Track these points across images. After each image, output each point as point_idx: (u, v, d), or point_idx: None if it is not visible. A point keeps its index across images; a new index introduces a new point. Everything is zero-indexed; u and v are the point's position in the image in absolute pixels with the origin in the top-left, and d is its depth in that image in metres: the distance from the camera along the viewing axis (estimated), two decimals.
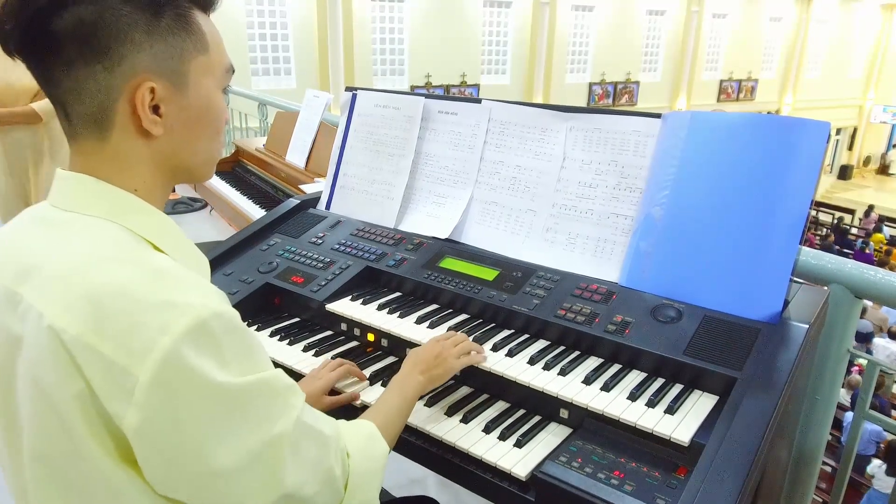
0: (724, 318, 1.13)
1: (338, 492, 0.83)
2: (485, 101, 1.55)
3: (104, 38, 0.71)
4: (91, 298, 0.66)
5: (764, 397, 0.96)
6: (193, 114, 0.80)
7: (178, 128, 0.79)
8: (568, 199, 1.40)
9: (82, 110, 0.74)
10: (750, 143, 1.17)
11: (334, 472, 0.81)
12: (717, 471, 0.87)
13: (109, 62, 0.72)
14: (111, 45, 0.72)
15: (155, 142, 0.78)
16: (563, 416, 1.12)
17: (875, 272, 1.29)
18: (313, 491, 0.77)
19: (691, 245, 1.19)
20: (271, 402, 0.73)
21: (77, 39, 0.71)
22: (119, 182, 0.77)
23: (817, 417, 1.41)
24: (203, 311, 0.66)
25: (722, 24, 17.98)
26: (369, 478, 0.88)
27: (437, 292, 1.42)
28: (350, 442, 0.87)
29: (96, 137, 0.76)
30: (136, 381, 0.63)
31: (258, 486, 0.71)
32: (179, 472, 0.68)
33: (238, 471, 0.70)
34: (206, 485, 0.69)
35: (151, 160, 0.79)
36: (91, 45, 0.71)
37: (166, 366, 0.64)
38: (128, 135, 0.76)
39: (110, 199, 0.76)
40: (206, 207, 4.25)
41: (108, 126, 0.75)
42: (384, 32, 13.05)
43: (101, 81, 0.73)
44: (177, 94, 0.77)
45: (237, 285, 1.52)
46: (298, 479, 0.75)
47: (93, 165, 0.77)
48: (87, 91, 0.73)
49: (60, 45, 0.71)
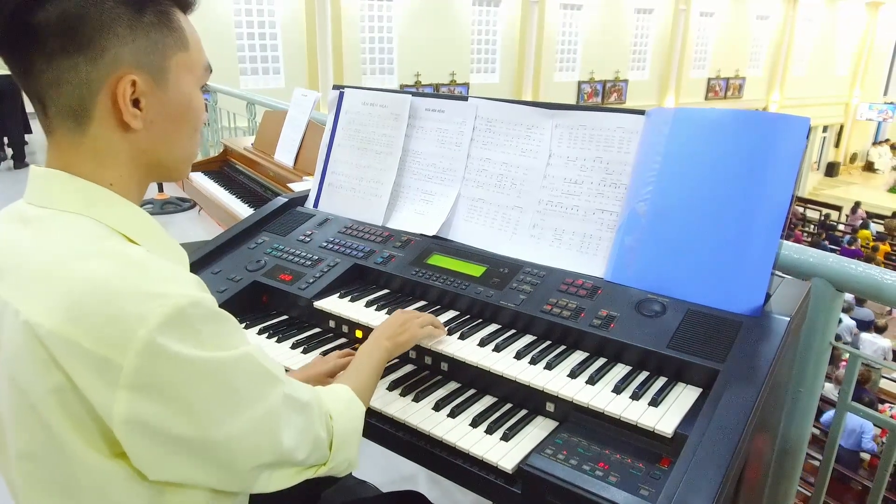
0: (708, 311, 1.15)
1: (324, 453, 0.88)
2: (471, 99, 1.56)
3: (88, 31, 0.72)
4: (67, 292, 0.66)
5: (745, 389, 0.98)
6: (173, 109, 0.81)
7: (157, 122, 0.79)
8: (554, 195, 1.41)
9: (62, 103, 0.75)
10: (731, 138, 1.18)
11: (321, 435, 0.86)
12: (699, 461, 0.88)
13: (92, 54, 0.73)
14: (94, 38, 0.72)
15: (133, 136, 0.78)
16: (549, 410, 1.13)
17: (856, 266, 1.31)
18: (304, 455, 0.82)
19: (675, 240, 1.21)
20: (256, 376, 0.75)
21: (61, 31, 0.71)
22: (95, 176, 0.77)
23: (801, 410, 1.43)
24: (181, 300, 0.67)
25: (709, 22, 18.08)
26: (350, 437, 0.93)
27: (425, 289, 1.43)
28: (331, 406, 0.92)
29: (74, 131, 0.76)
30: (121, 370, 0.64)
31: (258, 452, 0.75)
32: (175, 453, 0.69)
33: (236, 442, 0.72)
34: (204, 459, 0.71)
35: (128, 154, 0.79)
36: (75, 37, 0.72)
37: (148, 354, 0.65)
38: (106, 128, 0.77)
39: (84, 193, 0.76)
40: (195, 207, 4.23)
41: (87, 119, 0.76)
42: (373, 31, 13.02)
43: (82, 74, 0.73)
44: (157, 89, 0.78)
45: (225, 283, 1.52)
46: (291, 444, 0.79)
47: (68, 160, 0.77)
48: (67, 83, 0.73)
49: (44, 37, 0.71)
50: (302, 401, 0.82)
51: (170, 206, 5.21)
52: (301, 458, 0.81)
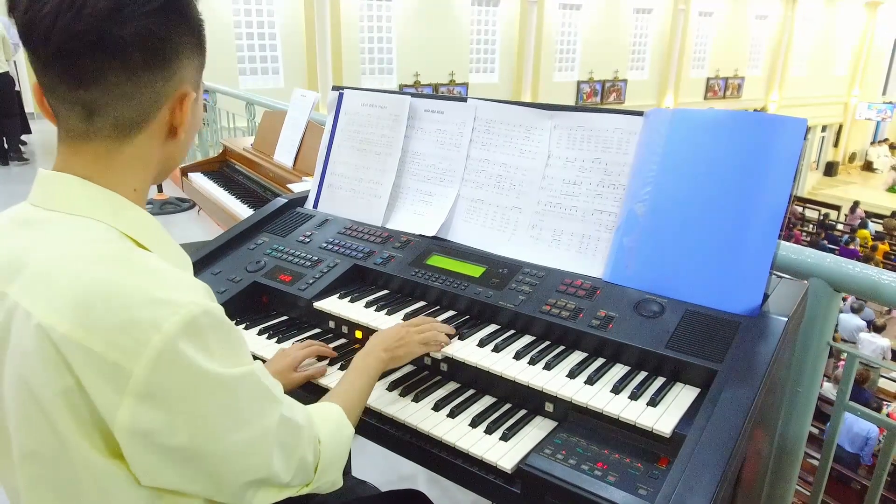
0: (706, 311, 1.15)
1: (308, 475, 0.88)
2: (470, 100, 1.56)
3: (167, 51, 0.77)
4: (80, 297, 0.67)
5: (743, 389, 0.98)
6: (195, 118, 0.86)
7: (186, 131, 0.84)
8: (553, 196, 1.42)
9: (124, 114, 0.76)
10: (729, 139, 1.19)
11: (307, 459, 0.86)
12: (697, 461, 0.89)
13: (168, 73, 0.78)
14: (171, 58, 0.77)
15: (170, 144, 0.83)
16: (548, 410, 1.14)
17: (854, 266, 1.32)
18: (288, 478, 0.82)
19: (673, 241, 1.22)
20: (258, 395, 0.76)
21: (145, 48, 0.74)
22: (124, 181, 0.79)
23: (799, 409, 1.44)
24: (193, 308, 0.68)
25: (708, 22, 18.09)
26: (337, 461, 0.93)
27: (425, 289, 1.43)
28: (321, 429, 0.92)
29: (118, 140, 0.78)
30: (130, 376, 0.65)
31: (248, 470, 0.76)
32: (171, 462, 0.70)
33: (230, 459, 0.73)
34: (196, 471, 0.71)
35: (158, 161, 0.84)
36: (156, 55, 0.75)
37: (161, 362, 0.66)
38: (153, 138, 0.81)
39: (96, 198, 0.77)
40: (194, 208, 4.23)
41: (139, 130, 0.79)
42: (372, 31, 13.03)
43: (157, 89, 0.77)
44: (194, 102, 0.83)
45: (225, 284, 1.53)
46: (279, 466, 0.79)
47: (96, 165, 0.77)
48: (140, 96, 0.76)
49: (127, 50, 0.73)
50: (296, 423, 0.83)
51: (169, 207, 5.22)
52: (286, 481, 0.82)
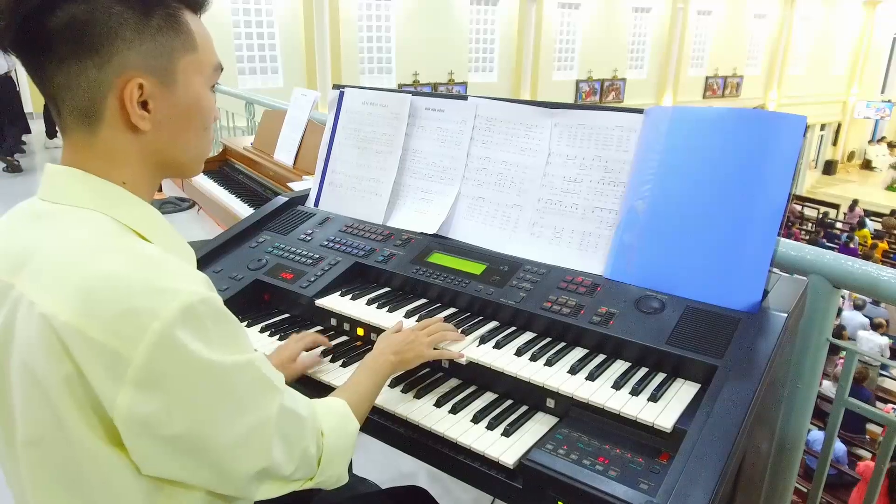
0: (706, 308, 1.16)
1: (312, 469, 0.87)
2: (471, 98, 1.57)
3: (96, 36, 0.74)
4: (82, 286, 0.68)
5: (743, 384, 0.99)
6: (182, 110, 0.82)
7: (166, 123, 0.81)
8: (553, 193, 1.42)
9: (73, 105, 0.77)
10: (729, 137, 1.19)
11: (310, 451, 0.85)
12: (698, 455, 0.90)
13: (100, 59, 0.75)
14: (102, 43, 0.74)
15: (143, 137, 0.80)
16: (549, 406, 1.14)
17: (853, 262, 1.32)
18: (290, 469, 0.82)
19: (673, 237, 1.22)
20: (258, 383, 0.76)
21: (70, 37, 0.73)
22: (108, 175, 0.80)
23: (798, 405, 1.44)
24: (192, 297, 0.69)
25: (707, 20, 18.08)
26: (341, 455, 0.92)
27: (426, 287, 1.44)
28: (324, 421, 0.91)
29: (86, 132, 0.78)
30: (129, 364, 0.66)
31: (248, 459, 0.75)
32: (170, 450, 0.70)
33: (230, 448, 0.73)
34: (196, 459, 0.72)
35: (139, 154, 0.81)
36: (83, 42, 0.73)
37: (159, 349, 0.66)
38: (116, 129, 0.79)
39: (98, 191, 0.79)
40: (194, 207, 4.24)
41: (98, 120, 0.78)
42: (371, 31, 13.01)
43: (91, 77, 0.75)
44: (165, 91, 0.80)
45: (227, 282, 1.53)
46: (280, 456, 0.79)
47: (82, 159, 0.79)
48: (77, 87, 0.75)
49: (53, 43, 0.73)
50: (298, 414, 0.83)
51: (169, 206, 5.21)
52: (288, 473, 0.82)
